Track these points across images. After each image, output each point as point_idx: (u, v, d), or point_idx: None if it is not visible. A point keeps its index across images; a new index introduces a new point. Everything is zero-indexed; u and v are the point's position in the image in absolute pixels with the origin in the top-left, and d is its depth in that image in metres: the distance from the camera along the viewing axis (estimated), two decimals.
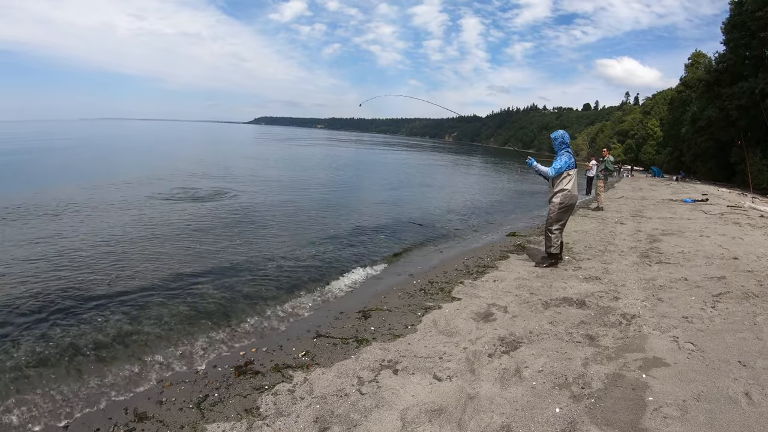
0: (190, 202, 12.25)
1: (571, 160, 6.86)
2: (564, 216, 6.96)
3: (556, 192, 6.89)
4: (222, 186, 15.57)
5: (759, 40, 28.34)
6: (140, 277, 6.24)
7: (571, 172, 6.86)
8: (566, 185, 6.83)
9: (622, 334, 4.43)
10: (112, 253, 7.20)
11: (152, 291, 5.73)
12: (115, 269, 6.47)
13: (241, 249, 7.83)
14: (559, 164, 6.84)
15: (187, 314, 5.05)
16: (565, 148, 6.95)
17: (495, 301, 5.37)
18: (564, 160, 6.83)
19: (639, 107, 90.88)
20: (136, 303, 5.32)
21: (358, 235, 9.51)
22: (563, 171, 6.85)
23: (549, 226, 6.99)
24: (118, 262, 6.78)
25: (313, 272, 6.84)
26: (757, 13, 27.34)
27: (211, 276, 6.36)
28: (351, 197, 15.89)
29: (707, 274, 6.72)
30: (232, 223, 9.89)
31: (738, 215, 13.92)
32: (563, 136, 7.13)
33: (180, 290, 5.79)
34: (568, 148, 6.95)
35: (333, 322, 5.00)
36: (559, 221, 6.93)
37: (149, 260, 6.97)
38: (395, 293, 6.00)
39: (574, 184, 6.89)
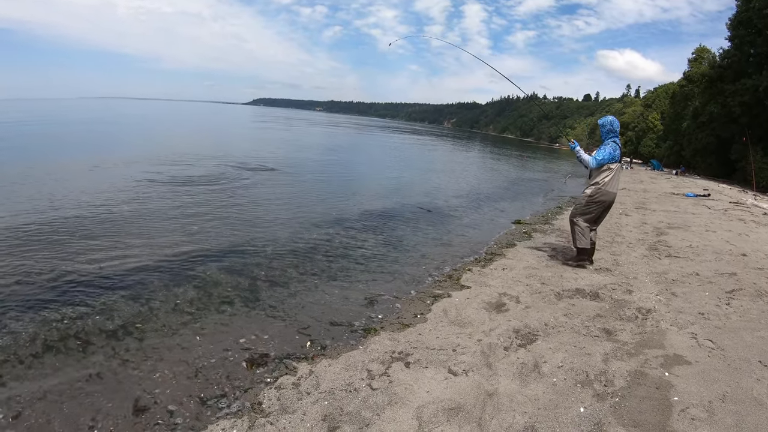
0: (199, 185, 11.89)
1: (616, 152, 6.06)
2: (592, 210, 6.18)
3: (590, 185, 6.25)
4: (225, 167, 15.09)
5: (765, 37, 28.02)
6: (138, 259, 5.92)
7: (613, 166, 6.09)
8: (603, 179, 6.09)
9: (640, 329, 4.24)
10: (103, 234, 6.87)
11: (149, 273, 5.44)
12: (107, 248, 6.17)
13: (243, 231, 7.52)
14: (601, 155, 6.08)
15: (188, 298, 4.78)
16: (612, 137, 6.14)
17: (506, 290, 5.16)
18: (608, 151, 6.05)
19: (640, 100, 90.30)
20: (133, 288, 5.01)
21: (364, 219, 9.22)
22: (605, 163, 6.11)
23: (572, 217, 6.32)
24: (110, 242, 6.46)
25: (317, 255, 6.56)
26: (764, 11, 26.98)
27: (211, 259, 6.04)
28: (356, 181, 15.56)
29: (718, 270, 6.54)
30: (236, 204, 9.51)
31: (742, 212, 13.75)
32: (612, 122, 6.18)
33: (178, 273, 5.46)
34: (616, 138, 6.14)
35: (338, 308, 4.73)
36: (585, 214, 6.20)
37: (142, 240, 6.65)
38: (401, 278, 5.76)
39: (613, 180, 6.11)
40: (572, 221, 6.30)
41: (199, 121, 46.42)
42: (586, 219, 6.21)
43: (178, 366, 3.47)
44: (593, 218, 6.24)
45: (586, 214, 6.20)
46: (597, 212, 6.21)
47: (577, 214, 6.26)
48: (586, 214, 6.20)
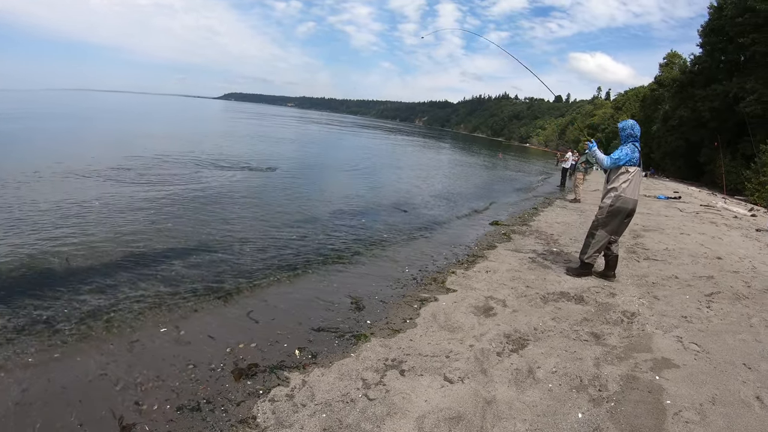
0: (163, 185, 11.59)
1: (635, 155, 5.72)
2: (613, 222, 5.84)
3: (609, 191, 5.89)
4: (195, 166, 14.69)
5: (736, 45, 29.42)
6: (109, 257, 5.76)
7: (632, 169, 5.73)
8: (621, 184, 5.75)
9: (627, 332, 4.36)
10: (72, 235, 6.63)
11: (119, 272, 5.31)
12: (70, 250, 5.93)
13: (216, 232, 7.34)
14: (618, 154, 5.78)
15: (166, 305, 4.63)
16: (632, 140, 5.84)
17: (492, 293, 5.23)
18: (625, 152, 5.74)
19: (610, 102, 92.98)
20: (104, 284, 4.89)
21: (339, 219, 9.18)
22: (621, 164, 5.77)
23: (592, 229, 5.98)
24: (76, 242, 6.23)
25: (296, 257, 6.47)
26: (737, 19, 28.30)
27: (185, 263, 5.87)
28: (329, 180, 15.40)
29: (696, 273, 6.79)
30: (205, 204, 9.25)
31: (713, 215, 14.31)
32: (633, 126, 5.91)
33: (152, 277, 5.29)
34: (636, 141, 5.84)
35: (325, 313, 4.69)
36: (605, 226, 5.86)
37: (113, 241, 6.42)
38: (386, 282, 5.76)
39: (632, 186, 5.76)
40: (590, 232, 6.02)
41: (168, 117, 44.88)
42: (608, 231, 5.88)
43: (163, 377, 3.35)
44: (613, 229, 5.90)
45: (606, 225, 5.87)
46: (618, 224, 5.89)
47: (597, 226, 5.92)
48: (606, 225, 5.87)
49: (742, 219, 13.99)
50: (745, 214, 15.20)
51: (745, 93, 27.74)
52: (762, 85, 26.54)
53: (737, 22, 28.38)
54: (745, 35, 27.87)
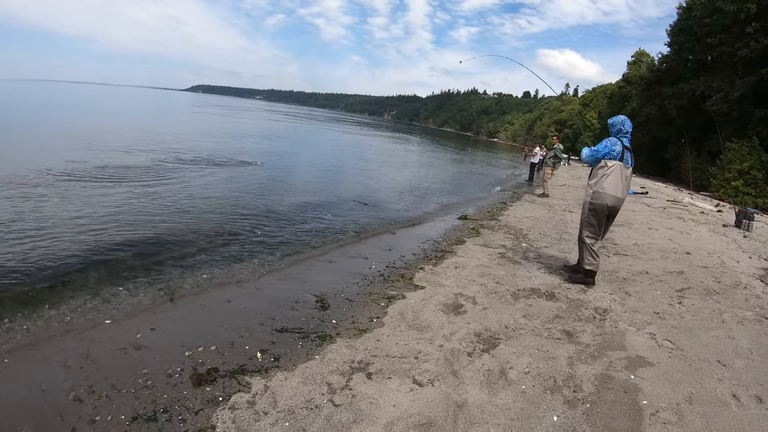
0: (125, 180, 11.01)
1: (616, 147, 5.37)
2: (596, 220, 5.51)
3: (587, 187, 5.63)
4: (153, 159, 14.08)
5: (704, 45, 30.50)
6: (59, 251, 5.41)
7: (610, 163, 5.37)
8: (599, 179, 5.43)
9: (599, 330, 4.29)
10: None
11: (69, 266, 5.02)
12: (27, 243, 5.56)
13: (172, 225, 6.99)
14: (597, 146, 5.52)
15: (114, 299, 4.36)
16: (621, 136, 5.51)
17: (461, 290, 5.10)
18: (604, 144, 5.44)
19: (578, 99, 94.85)
20: (51, 276, 4.62)
21: (303, 213, 8.91)
22: (600, 157, 5.46)
23: (580, 233, 5.69)
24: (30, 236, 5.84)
25: (257, 254, 6.20)
26: (705, 20, 29.28)
27: (135, 256, 5.58)
28: (294, 174, 14.90)
29: (666, 269, 6.83)
30: (160, 199, 8.82)
31: (679, 210, 14.63)
32: (623, 122, 5.56)
33: (108, 274, 5.00)
34: (624, 137, 5.51)
35: (289, 313, 4.45)
36: (590, 226, 5.55)
37: (66, 234, 6.06)
38: (352, 278, 5.57)
39: (611, 181, 5.37)
40: (581, 239, 5.66)
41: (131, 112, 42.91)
42: (592, 232, 5.56)
43: (118, 385, 3.08)
44: (597, 230, 5.58)
45: (590, 225, 5.55)
46: (603, 223, 5.55)
47: (583, 227, 5.63)
48: (590, 225, 5.55)
49: (708, 214, 14.34)
50: (712, 209, 15.60)
51: (711, 91, 28.72)
52: (728, 84, 27.50)
53: (705, 22, 29.47)
54: (713, 35, 28.92)
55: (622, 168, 5.40)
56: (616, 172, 5.38)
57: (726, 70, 28.69)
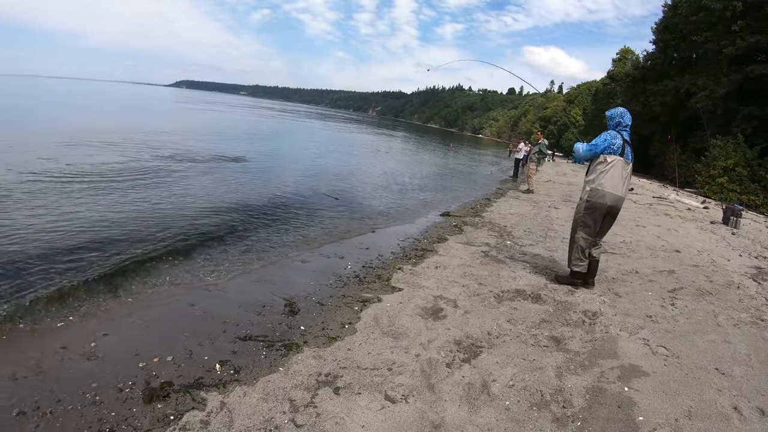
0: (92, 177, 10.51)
1: (616, 141, 4.95)
2: (592, 220, 5.07)
3: (585, 184, 5.19)
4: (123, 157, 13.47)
5: (689, 42, 30.74)
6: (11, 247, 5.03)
7: (610, 158, 4.95)
8: (597, 176, 5.00)
9: (590, 335, 4.00)
10: None
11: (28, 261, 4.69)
12: None
13: (137, 221, 6.59)
14: (596, 140, 5.07)
15: (66, 303, 3.99)
16: (620, 129, 5.11)
17: (441, 292, 4.76)
18: (603, 138, 5.03)
19: (563, 96, 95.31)
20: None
21: (277, 211, 8.47)
22: (599, 151, 5.02)
23: (573, 232, 5.26)
24: None
25: (224, 253, 5.81)
26: (691, 17, 29.45)
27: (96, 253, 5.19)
28: (270, 170, 14.32)
29: (656, 267, 6.61)
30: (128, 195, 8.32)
31: (666, 207, 14.54)
32: (622, 115, 5.16)
33: (57, 264, 4.71)
34: (624, 130, 5.11)
35: (254, 318, 4.08)
36: (584, 227, 5.11)
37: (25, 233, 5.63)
38: (325, 279, 5.20)
39: (611, 177, 4.94)
40: (572, 237, 5.27)
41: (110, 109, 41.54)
42: (587, 233, 5.12)
43: (64, 401, 2.74)
44: (593, 231, 5.14)
45: (587, 225, 5.11)
46: (600, 222, 5.12)
47: (577, 227, 5.20)
48: (587, 225, 5.11)
49: (695, 211, 14.26)
50: (698, 206, 15.55)
51: (697, 89, 28.87)
52: (713, 81, 27.65)
53: (691, 20, 29.67)
54: (698, 33, 29.03)
55: (623, 164, 4.97)
56: (617, 169, 4.95)
57: (711, 68, 28.87)
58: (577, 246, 5.17)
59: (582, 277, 5.32)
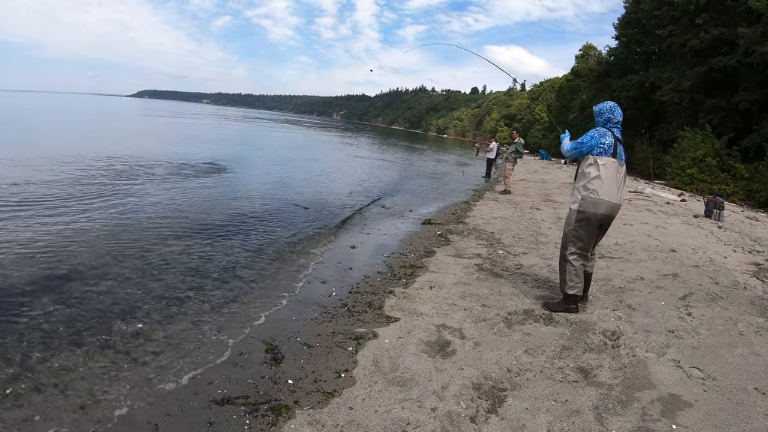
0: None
1: (605, 140, 4.30)
2: (585, 233, 4.41)
3: (574, 189, 4.53)
4: (74, 174, 12.63)
5: (652, 37, 31.47)
6: None
7: (602, 160, 4.28)
8: (588, 181, 4.32)
9: (617, 362, 3.58)
10: None
11: None
12: None
13: (80, 257, 5.78)
14: (583, 137, 4.45)
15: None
16: (611, 126, 4.45)
17: (443, 320, 4.24)
18: (591, 134, 4.39)
19: (526, 93, 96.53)
20: None
21: (245, 227, 7.82)
22: (584, 150, 4.41)
23: (563, 250, 4.57)
24: None
25: (188, 286, 5.02)
26: (654, 12, 30.01)
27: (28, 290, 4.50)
28: (234, 179, 13.56)
29: (659, 271, 6.31)
30: (75, 219, 7.59)
31: (645, 202, 14.48)
32: (612, 110, 4.49)
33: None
34: (616, 128, 4.45)
35: (230, 371, 3.39)
36: (577, 241, 4.44)
37: None
38: (309, 312, 4.54)
39: (609, 184, 4.28)
40: (562, 256, 4.59)
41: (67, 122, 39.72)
42: (580, 248, 4.46)
43: None
44: (588, 245, 4.50)
45: (579, 240, 4.44)
46: (594, 235, 4.48)
47: (568, 242, 4.52)
48: (579, 240, 4.44)
49: (674, 205, 14.26)
50: (675, 199, 15.57)
51: (662, 82, 29.41)
52: (678, 74, 28.19)
53: (654, 14, 30.25)
54: (662, 27, 29.56)
55: (616, 166, 4.31)
56: (610, 172, 4.29)
57: (676, 61, 29.53)
58: (572, 268, 4.45)
59: (578, 301, 4.63)
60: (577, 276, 4.46)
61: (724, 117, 25.40)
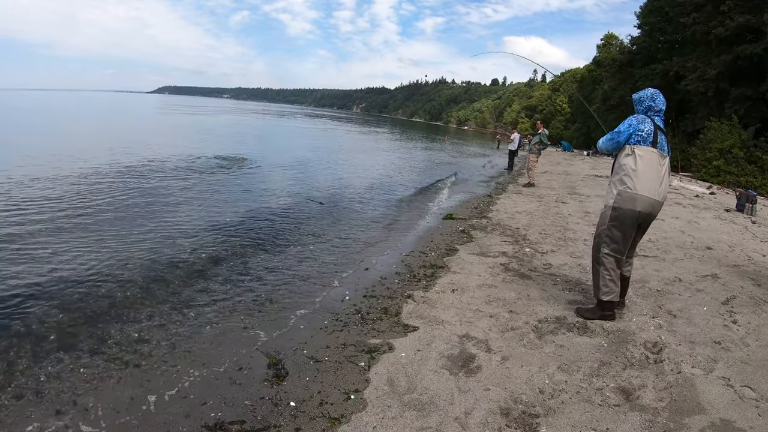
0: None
1: (644, 127, 3.82)
2: (620, 233, 3.92)
3: (610, 185, 4.03)
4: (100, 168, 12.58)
5: (676, 24, 30.30)
6: None
7: (641, 150, 3.79)
8: (625, 175, 3.83)
9: (662, 380, 3.14)
10: None
11: None
12: None
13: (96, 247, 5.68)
14: (619, 126, 3.96)
15: None
16: (651, 114, 3.96)
17: (467, 329, 3.81)
18: (628, 122, 3.91)
19: (547, 84, 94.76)
20: None
21: (251, 223, 7.54)
22: (622, 140, 3.92)
23: (595, 251, 4.13)
24: None
25: (191, 290, 4.69)
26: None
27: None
28: (249, 175, 13.23)
29: (697, 272, 5.80)
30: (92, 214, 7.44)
31: (674, 194, 13.75)
32: (653, 97, 4.00)
33: None
34: (657, 117, 3.96)
35: (227, 391, 3.01)
36: (611, 242, 3.95)
37: None
38: (318, 320, 4.13)
39: (648, 177, 3.78)
40: (594, 258, 4.13)
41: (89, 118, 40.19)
42: (614, 250, 3.96)
43: None
44: (623, 247, 3.99)
45: (613, 241, 3.95)
46: (626, 234, 3.94)
47: (601, 243, 4.04)
48: (613, 241, 3.95)
49: (704, 198, 13.57)
50: (704, 192, 14.84)
51: (686, 71, 28.32)
52: (703, 63, 27.12)
53: (678, 1, 29.18)
54: (686, 15, 28.37)
55: (657, 157, 3.79)
56: (650, 163, 3.78)
57: (700, 49, 28.37)
58: (606, 272, 3.97)
59: (614, 307, 4.12)
60: (613, 281, 3.98)
61: (751, 107, 24.34)
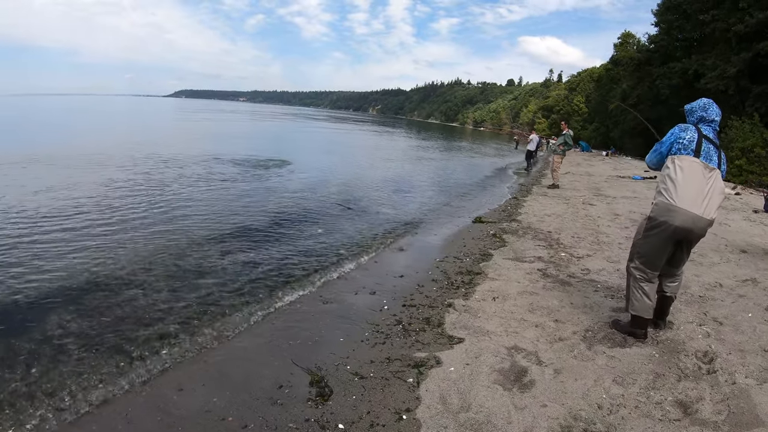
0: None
1: (687, 135, 3.46)
2: (651, 247, 3.58)
3: (654, 196, 3.66)
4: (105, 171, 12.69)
5: (694, 22, 29.62)
6: None
7: (682, 161, 3.42)
8: (668, 189, 3.45)
9: (718, 392, 3.02)
10: None
11: None
12: None
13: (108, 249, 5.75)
14: (665, 137, 3.65)
15: None
16: (703, 125, 3.57)
17: (515, 340, 3.70)
18: (673, 132, 3.56)
19: (564, 84, 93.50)
20: None
21: (276, 227, 7.49)
22: (664, 150, 3.61)
23: (629, 262, 3.81)
24: None
25: (223, 299, 4.57)
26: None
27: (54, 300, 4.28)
28: (274, 178, 13.18)
29: (736, 276, 5.63)
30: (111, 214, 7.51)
31: None
32: (705, 107, 3.62)
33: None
34: (707, 127, 3.55)
35: (267, 411, 2.79)
36: (643, 255, 3.63)
37: None
38: (358, 332, 3.95)
39: (691, 188, 3.38)
40: (628, 270, 3.82)
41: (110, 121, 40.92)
42: (644, 263, 3.63)
43: None
44: (655, 262, 3.61)
45: (641, 254, 3.65)
46: (659, 249, 3.57)
47: (633, 255, 3.75)
48: (641, 254, 3.65)
49: (729, 198, 13.15)
50: (730, 192, 14.42)
51: (706, 69, 27.65)
52: (723, 61, 26.45)
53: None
54: (704, 12, 27.72)
55: (701, 167, 3.38)
56: (692, 173, 3.38)
57: (720, 47, 27.63)
58: (636, 285, 3.66)
59: (646, 325, 3.75)
60: (643, 295, 3.64)
61: None
